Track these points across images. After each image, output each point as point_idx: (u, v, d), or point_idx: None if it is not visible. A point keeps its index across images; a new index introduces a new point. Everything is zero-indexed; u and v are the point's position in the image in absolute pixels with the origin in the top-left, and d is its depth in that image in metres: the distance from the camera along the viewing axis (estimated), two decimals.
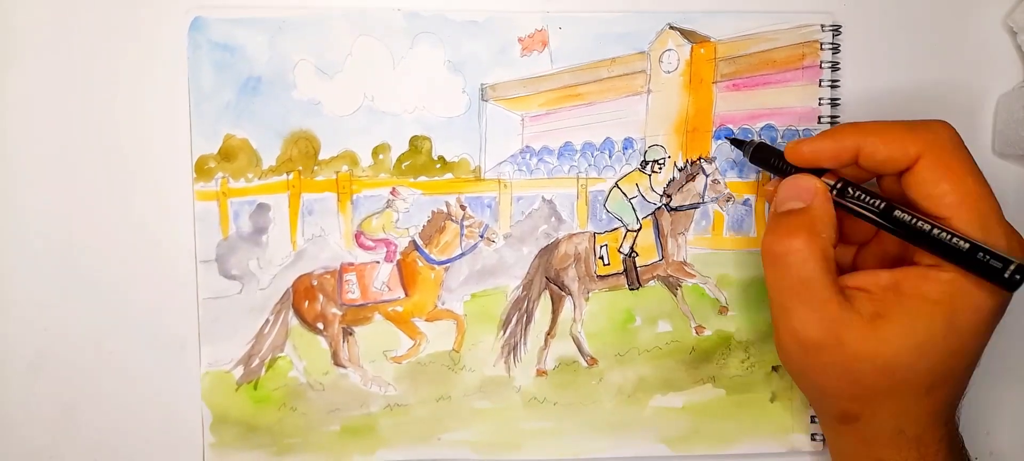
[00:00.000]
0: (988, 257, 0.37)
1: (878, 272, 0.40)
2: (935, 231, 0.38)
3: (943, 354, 0.38)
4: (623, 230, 0.49)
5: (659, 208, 0.49)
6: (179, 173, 0.47)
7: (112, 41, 0.46)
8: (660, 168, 0.49)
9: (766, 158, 0.45)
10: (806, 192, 0.41)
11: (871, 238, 0.44)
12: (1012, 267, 0.36)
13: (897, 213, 0.39)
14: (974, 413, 0.51)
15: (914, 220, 0.39)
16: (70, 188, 0.47)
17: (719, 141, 0.49)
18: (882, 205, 0.40)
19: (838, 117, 0.49)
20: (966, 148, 0.39)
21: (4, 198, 0.47)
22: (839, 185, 0.41)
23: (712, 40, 0.48)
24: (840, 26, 0.48)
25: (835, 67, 0.48)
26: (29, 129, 0.47)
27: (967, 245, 0.37)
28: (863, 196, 0.40)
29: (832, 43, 0.48)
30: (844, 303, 0.39)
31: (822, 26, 0.48)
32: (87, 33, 0.46)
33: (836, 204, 0.41)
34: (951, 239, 0.37)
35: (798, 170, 0.42)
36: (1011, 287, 0.37)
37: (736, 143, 0.47)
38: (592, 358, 0.50)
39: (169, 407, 0.48)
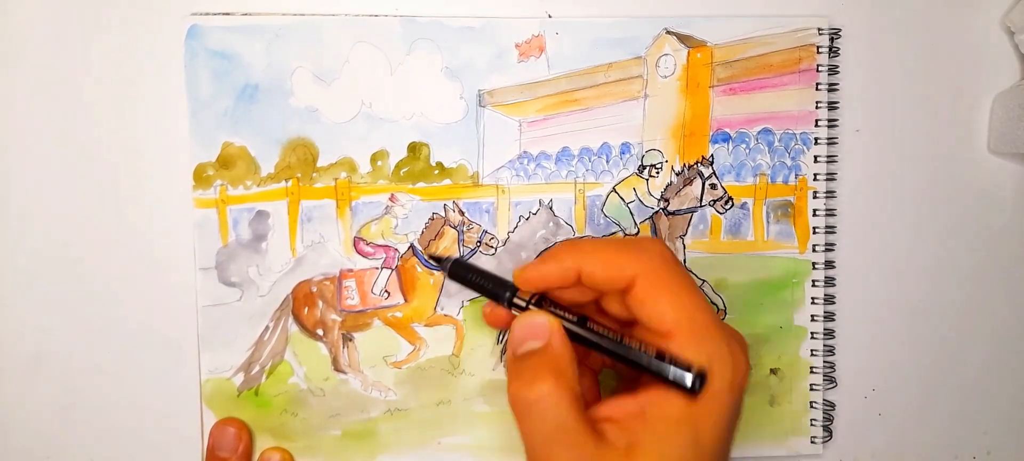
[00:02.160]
0: (670, 366, 0.36)
1: (623, 399, 0.38)
2: (620, 349, 0.37)
3: None
4: (621, 234, 0.49)
5: (657, 212, 0.49)
6: (178, 181, 0.46)
7: (110, 48, 0.46)
8: (657, 172, 0.48)
9: (462, 275, 0.43)
10: (541, 329, 0.38)
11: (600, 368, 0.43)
12: (698, 372, 0.35)
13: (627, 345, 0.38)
14: (971, 412, 0.50)
15: (610, 342, 0.38)
16: (69, 194, 0.46)
17: (715, 146, 0.48)
18: (608, 332, 0.38)
19: (836, 120, 0.48)
20: (678, 263, 0.38)
21: (3, 202, 0.46)
22: (576, 319, 0.39)
23: (709, 45, 0.47)
24: (839, 29, 0.48)
25: (834, 70, 0.48)
26: (28, 136, 0.46)
27: (651, 358, 0.36)
28: (594, 331, 0.39)
29: (830, 46, 0.47)
30: (599, 441, 0.36)
31: (819, 30, 0.47)
32: (85, 39, 0.46)
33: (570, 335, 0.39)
34: (635, 354, 0.37)
35: (493, 293, 0.41)
36: (694, 392, 0.36)
37: (435, 259, 0.46)
38: None
39: (168, 412, 0.47)
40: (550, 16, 0.47)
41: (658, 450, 0.36)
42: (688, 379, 0.36)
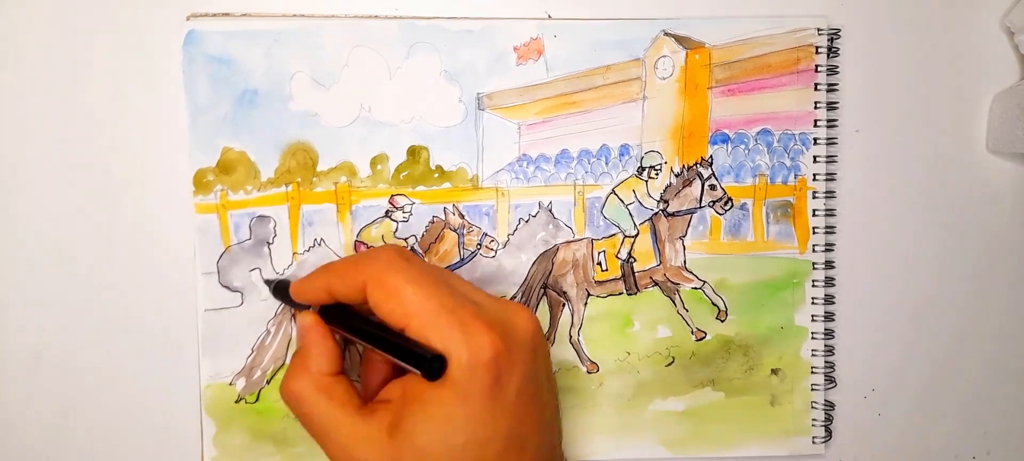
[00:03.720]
0: (412, 350, 0.37)
1: (395, 382, 0.40)
2: (370, 339, 0.39)
3: (456, 450, 0.37)
4: (621, 236, 0.48)
5: (656, 214, 0.48)
6: (178, 186, 0.46)
7: (111, 53, 0.45)
8: (657, 174, 0.48)
9: (279, 293, 0.45)
10: (300, 330, 0.42)
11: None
12: (430, 358, 0.36)
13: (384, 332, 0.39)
14: (971, 412, 0.50)
15: (356, 325, 0.40)
16: (70, 198, 0.46)
17: (714, 147, 0.48)
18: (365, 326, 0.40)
19: (836, 120, 0.48)
20: (409, 260, 0.39)
21: (5, 207, 0.46)
22: (335, 311, 0.41)
23: (707, 46, 0.47)
24: (839, 29, 0.47)
25: (833, 70, 0.47)
26: (28, 142, 0.45)
27: (397, 346, 0.38)
28: (351, 318, 0.41)
29: (830, 46, 0.47)
30: (359, 421, 0.38)
31: (818, 30, 0.47)
32: (84, 45, 0.45)
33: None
34: (384, 343, 0.39)
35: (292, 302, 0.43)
36: (432, 377, 0.36)
37: (268, 283, 0.47)
38: (592, 363, 0.48)
39: (167, 415, 0.47)
40: (550, 16, 0.46)
41: (414, 428, 0.37)
42: (425, 364, 0.36)
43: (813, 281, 0.48)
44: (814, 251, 0.48)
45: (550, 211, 0.48)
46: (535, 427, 0.39)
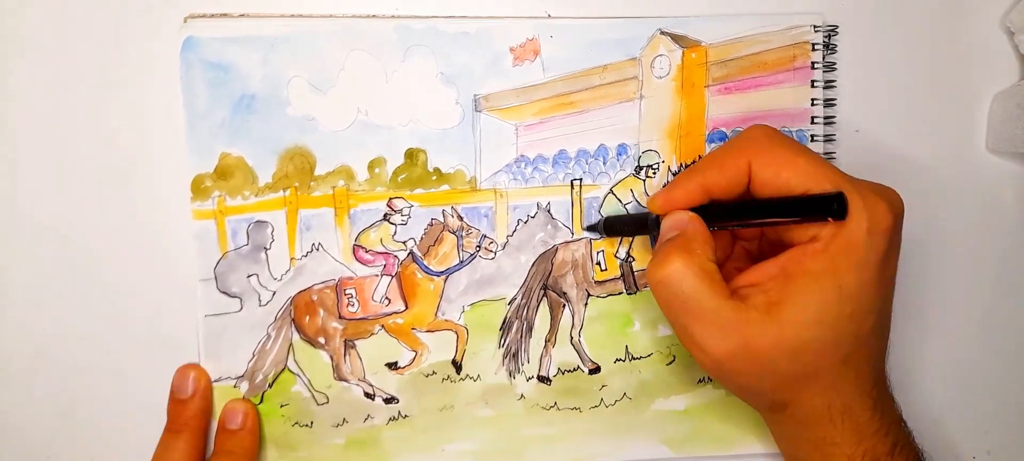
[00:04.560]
0: (813, 198, 0.37)
1: (764, 264, 0.39)
2: (760, 207, 0.39)
3: (842, 320, 0.37)
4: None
5: None
6: (176, 192, 0.45)
7: (108, 58, 0.45)
8: (654, 173, 0.47)
9: (613, 228, 0.46)
10: (680, 222, 0.41)
11: (756, 246, 0.44)
12: (834, 196, 0.36)
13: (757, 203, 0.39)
14: (971, 412, 0.50)
15: (739, 208, 0.40)
16: (68, 204, 0.45)
17: (711, 146, 0.47)
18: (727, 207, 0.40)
19: (833, 118, 0.47)
20: (783, 135, 0.40)
21: (5, 212, 0.45)
22: (710, 209, 0.41)
23: (703, 44, 0.46)
24: (836, 26, 0.47)
25: (831, 67, 0.47)
26: (26, 147, 0.45)
27: (788, 202, 0.38)
28: (725, 207, 0.40)
29: (827, 43, 0.47)
30: (737, 305, 0.38)
31: (815, 27, 0.46)
32: (82, 50, 0.45)
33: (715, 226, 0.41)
34: (771, 207, 0.39)
35: (642, 229, 0.44)
36: (840, 215, 0.36)
37: (591, 229, 0.47)
38: (593, 363, 0.48)
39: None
40: (549, 15, 0.46)
41: (800, 304, 0.37)
42: (830, 204, 0.36)
43: None
44: None
45: (549, 212, 0.47)
46: (890, 310, 0.40)
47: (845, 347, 0.38)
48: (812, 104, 0.47)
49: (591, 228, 0.47)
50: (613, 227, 0.46)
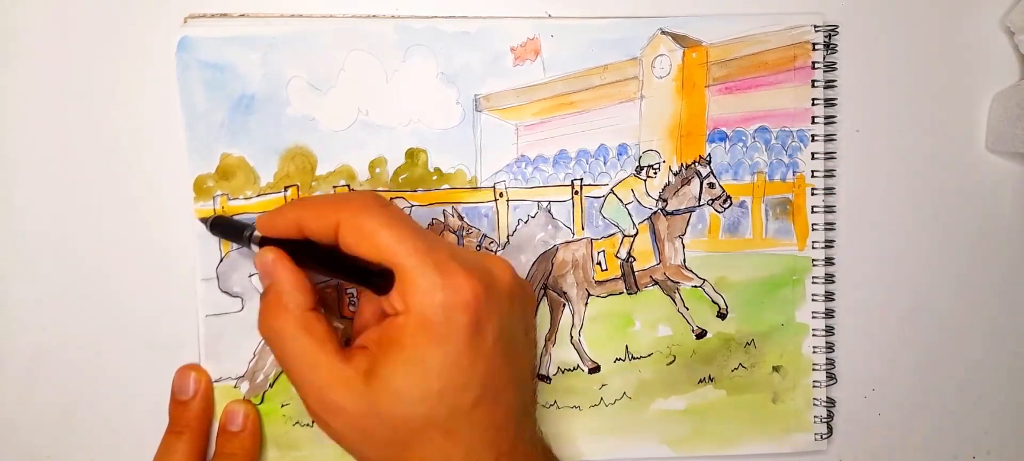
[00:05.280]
0: (365, 269, 0.37)
1: (373, 328, 0.39)
2: (323, 260, 0.39)
3: (432, 397, 0.36)
4: (620, 235, 0.48)
5: (655, 213, 0.48)
6: (178, 192, 0.45)
7: (108, 59, 0.45)
8: (655, 173, 0.47)
9: (224, 230, 0.44)
10: (267, 265, 0.39)
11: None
12: (377, 272, 0.36)
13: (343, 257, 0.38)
14: (971, 412, 0.50)
15: (317, 254, 0.39)
16: (71, 204, 0.45)
17: (712, 146, 0.47)
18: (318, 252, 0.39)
19: (834, 117, 0.47)
20: (385, 206, 0.38)
21: (5, 212, 0.45)
22: (299, 246, 0.40)
23: (704, 44, 0.46)
24: (837, 26, 0.46)
25: (831, 67, 0.47)
26: (27, 148, 0.45)
27: (353, 266, 0.38)
28: (309, 251, 0.39)
29: (828, 43, 0.46)
30: (337, 364, 0.37)
31: (815, 27, 0.46)
32: (81, 52, 0.44)
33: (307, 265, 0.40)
34: (332, 262, 0.39)
35: (239, 238, 0.42)
36: (381, 291, 0.37)
37: (204, 221, 0.45)
38: (593, 363, 0.48)
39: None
40: (550, 15, 0.46)
41: (389, 375, 0.36)
42: (372, 278, 0.36)
43: (813, 278, 0.48)
44: (813, 248, 0.48)
45: (549, 212, 0.47)
46: (511, 379, 0.38)
47: (443, 422, 0.36)
48: (812, 104, 0.47)
49: (204, 220, 0.45)
50: (219, 226, 0.44)
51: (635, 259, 0.48)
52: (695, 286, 0.48)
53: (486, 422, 0.38)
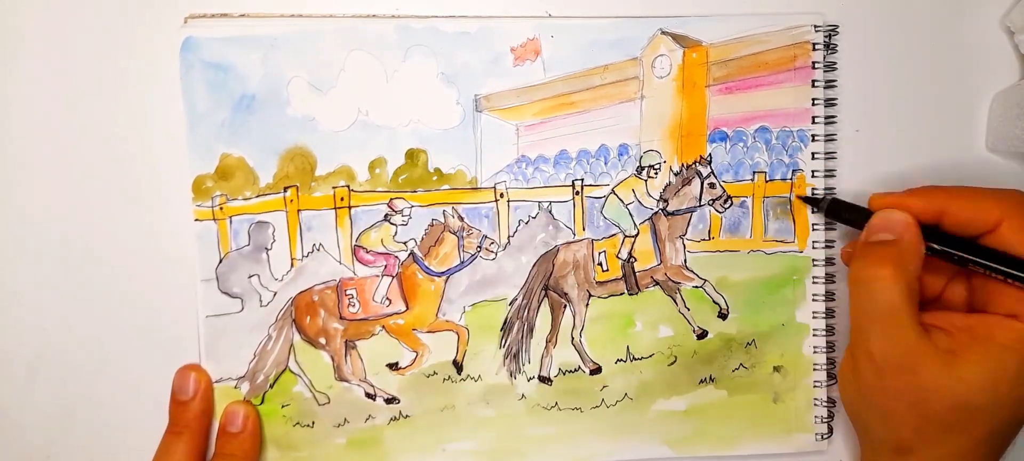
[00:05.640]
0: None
1: (954, 314, 0.41)
2: (979, 253, 0.40)
3: (1009, 402, 0.38)
4: (621, 236, 0.47)
5: (656, 213, 0.47)
6: (177, 193, 0.45)
7: (108, 60, 0.44)
8: (656, 173, 0.47)
9: (838, 212, 0.45)
10: (898, 225, 0.41)
11: (941, 291, 0.44)
12: None
13: (983, 247, 0.40)
14: None
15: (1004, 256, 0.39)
16: (70, 204, 0.45)
17: (712, 146, 0.47)
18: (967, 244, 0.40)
19: (834, 117, 0.47)
20: None
21: (5, 212, 0.45)
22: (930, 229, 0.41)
23: (704, 44, 0.46)
24: (837, 26, 0.46)
25: (831, 67, 0.47)
26: (27, 149, 0.45)
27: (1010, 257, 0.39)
28: (949, 238, 0.41)
29: (828, 43, 0.46)
30: (923, 334, 0.39)
31: (815, 27, 0.46)
32: (82, 53, 0.44)
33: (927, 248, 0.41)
34: (994, 256, 0.39)
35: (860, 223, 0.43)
36: None
37: (808, 201, 0.47)
38: (594, 364, 0.48)
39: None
40: (550, 14, 0.46)
41: (979, 366, 0.38)
42: None
43: (813, 278, 0.48)
44: (814, 248, 0.48)
45: (550, 212, 0.47)
46: None
47: (998, 425, 0.38)
48: (813, 104, 0.47)
49: (807, 200, 0.47)
50: (838, 210, 0.45)
51: (636, 260, 0.48)
52: (696, 286, 0.48)
53: (999, 446, 0.40)
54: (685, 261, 0.48)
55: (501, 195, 0.46)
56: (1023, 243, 0.39)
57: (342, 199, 0.46)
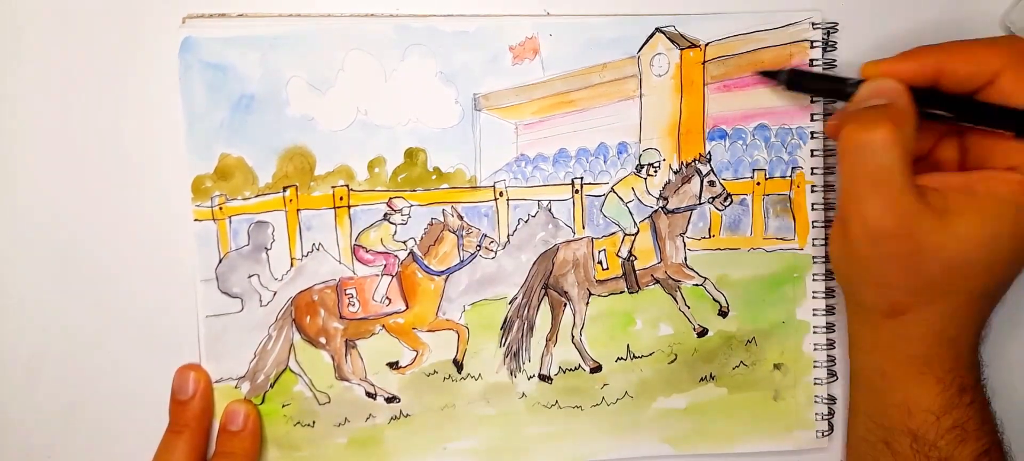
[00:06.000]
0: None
1: (949, 173, 0.40)
2: (972, 107, 0.39)
3: (1007, 256, 0.38)
4: (621, 234, 0.47)
5: (656, 211, 0.47)
6: (177, 193, 0.45)
7: (106, 60, 0.44)
8: (655, 171, 0.47)
9: (800, 83, 0.44)
10: (891, 90, 0.40)
11: (931, 150, 0.43)
12: None
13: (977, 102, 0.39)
14: None
15: (948, 99, 0.39)
16: (69, 204, 0.45)
17: (711, 143, 0.47)
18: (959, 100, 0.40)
19: (833, 113, 0.47)
20: None
21: (5, 212, 0.45)
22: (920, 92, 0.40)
23: (701, 43, 0.46)
24: (836, 24, 0.46)
25: (830, 65, 0.46)
26: (27, 149, 0.45)
27: (991, 106, 0.38)
28: (939, 95, 0.40)
29: (826, 40, 0.46)
30: (918, 196, 0.38)
31: (813, 24, 0.46)
32: (81, 53, 0.44)
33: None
34: (988, 108, 0.38)
35: (835, 90, 0.43)
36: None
37: (767, 75, 0.45)
38: (594, 362, 0.48)
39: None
40: (548, 13, 0.46)
41: (976, 222, 0.37)
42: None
43: (813, 275, 0.48)
44: (814, 245, 0.48)
45: (549, 211, 0.47)
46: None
47: (995, 280, 0.39)
48: (812, 101, 0.47)
49: (769, 74, 0.45)
50: (800, 81, 0.44)
51: (636, 258, 0.48)
52: (696, 284, 0.48)
53: (991, 302, 0.40)
54: (685, 259, 0.48)
55: (500, 194, 0.46)
56: (1020, 90, 0.38)
57: (341, 198, 0.46)
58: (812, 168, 0.47)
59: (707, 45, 0.46)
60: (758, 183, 0.47)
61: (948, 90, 0.40)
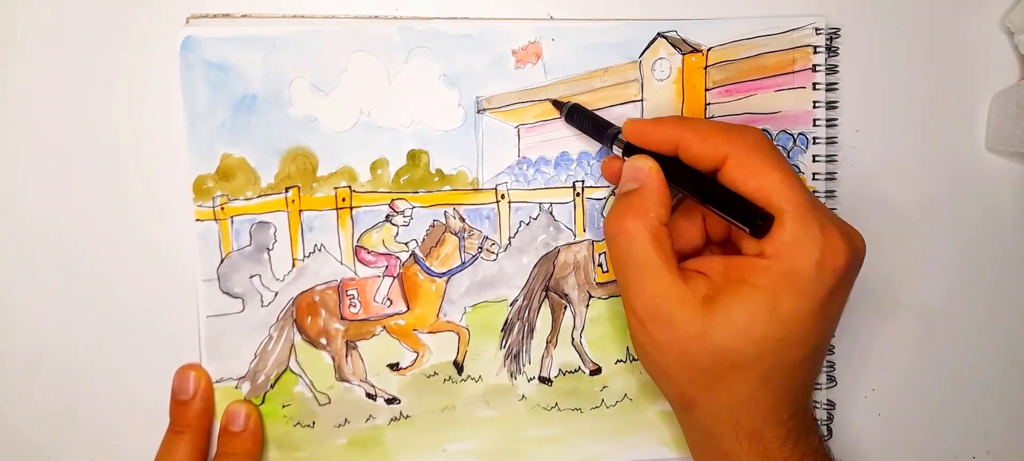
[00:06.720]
0: (745, 210, 0.37)
1: (714, 257, 0.40)
2: (703, 188, 0.38)
3: (770, 341, 0.36)
4: None
5: None
6: (178, 193, 0.45)
7: (109, 59, 0.44)
8: None
9: (578, 120, 0.44)
10: (640, 172, 0.40)
11: (709, 233, 0.43)
12: (762, 215, 0.36)
13: (720, 186, 0.38)
14: (972, 412, 0.49)
15: (694, 179, 0.39)
16: (70, 205, 0.45)
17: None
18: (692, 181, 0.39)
19: (835, 120, 0.47)
20: (774, 149, 0.38)
21: (6, 213, 0.45)
22: (669, 164, 0.40)
23: (703, 47, 0.46)
24: (839, 29, 0.46)
25: (832, 70, 0.47)
26: (28, 148, 0.45)
27: (728, 198, 0.37)
28: (686, 173, 0.39)
29: (829, 45, 0.46)
30: (677, 282, 0.38)
31: (817, 29, 0.46)
32: (82, 52, 0.44)
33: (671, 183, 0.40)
34: (713, 194, 0.38)
35: (598, 134, 0.43)
36: (759, 234, 0.37)
37: (556, 105, 0.45)
38: (594, 364, 0.48)
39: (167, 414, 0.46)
40: (552, 17, 0.46)
41: (732, 309, 0.36)
42: (755, 220, 0.36)
43: None
44: None
45: (551, 214, 0.47)
46: (826, 349, 0.40)
47: (766, 368, 0.37)
48: (814, 106, 0.47)
49: (557, 104, 0.45)
50: (576, 116, 0.44)
51: None
52: None
53: (799, 381, 0.39)
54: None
55: (502, 196, 0.46)
56: (744, 180, 0.37)
57: (344, 199, 0.46)
58: (814, 173, 0.47)
59: (709, 50, 0.46)
60: None
61: (687, 162, 0.39)
